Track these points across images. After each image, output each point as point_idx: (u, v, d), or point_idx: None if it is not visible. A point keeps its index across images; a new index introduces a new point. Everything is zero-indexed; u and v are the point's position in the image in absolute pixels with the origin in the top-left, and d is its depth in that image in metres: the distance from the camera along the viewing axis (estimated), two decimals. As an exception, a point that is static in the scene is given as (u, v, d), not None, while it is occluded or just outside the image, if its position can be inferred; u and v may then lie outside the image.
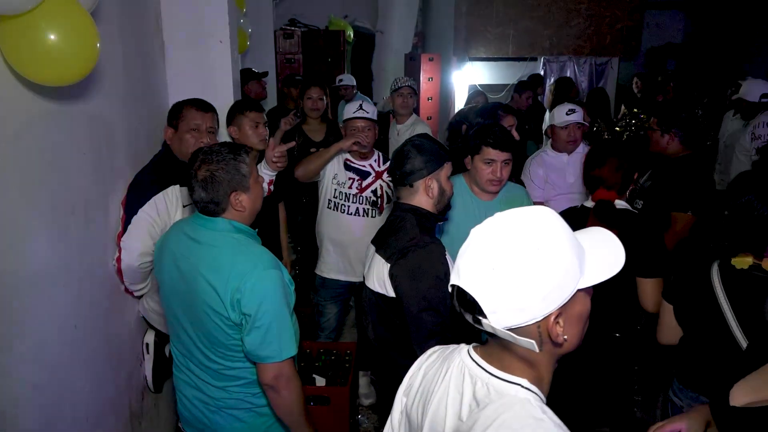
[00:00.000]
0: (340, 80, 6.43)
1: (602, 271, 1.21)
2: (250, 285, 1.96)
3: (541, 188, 3.99)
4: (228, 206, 2.08)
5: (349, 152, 3.71)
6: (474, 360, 1.33)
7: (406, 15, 9.24)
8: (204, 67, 3.36)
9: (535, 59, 9.04)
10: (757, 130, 4.95)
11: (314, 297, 3.99)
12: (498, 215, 1.24)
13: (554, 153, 4.09)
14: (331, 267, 3.82)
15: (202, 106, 2.88)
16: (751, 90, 5.19)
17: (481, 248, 1.21)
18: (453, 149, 4.00)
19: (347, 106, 3.77)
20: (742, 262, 2.02)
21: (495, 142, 2.89)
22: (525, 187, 3.60)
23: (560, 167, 4.02)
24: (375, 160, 3.79)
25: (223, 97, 3.40)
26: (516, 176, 3.87)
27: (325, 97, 4.75)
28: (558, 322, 1.20)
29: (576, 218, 2.73)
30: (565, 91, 6.88)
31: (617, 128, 3.87)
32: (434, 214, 2.30)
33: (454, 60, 8.90)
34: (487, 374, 1.28)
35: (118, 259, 2.62)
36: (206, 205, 2.08)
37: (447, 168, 2.33)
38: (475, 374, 1.30)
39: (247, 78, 5.44)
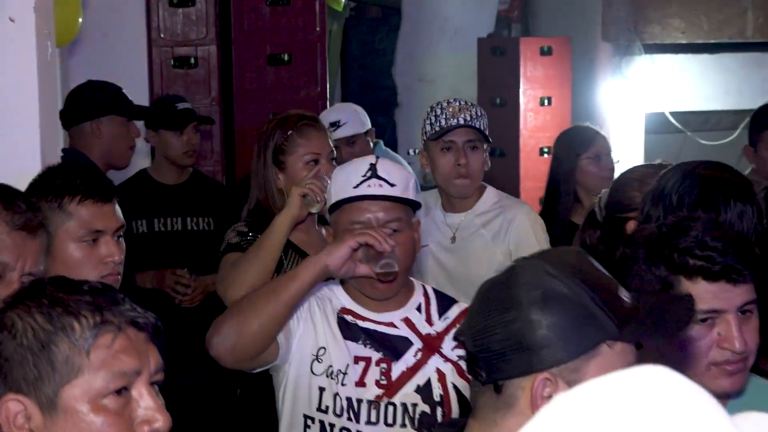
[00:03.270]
0: (336, 123, 3.44)
1: None
2: None
3: None
4: None
5: (343, 283, 2.03)
6: None
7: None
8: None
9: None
10: None
11: None
12: None
13: None
14: None
15: (24, 221, 1.65)
16: None
17: None
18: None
19: (337, 171, 2.10)
20: None
21: (709, 268, 1.58)
22: None
23: None
24: (417, 307, 2.03)
25: (17, 155, 2.13)
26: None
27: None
28: None
29: None
30: None
31: None
32: None
33: (604, 52, 4.96)
34: None
35: None
36: None
37: (611, 353, 1.21)
38: None
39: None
